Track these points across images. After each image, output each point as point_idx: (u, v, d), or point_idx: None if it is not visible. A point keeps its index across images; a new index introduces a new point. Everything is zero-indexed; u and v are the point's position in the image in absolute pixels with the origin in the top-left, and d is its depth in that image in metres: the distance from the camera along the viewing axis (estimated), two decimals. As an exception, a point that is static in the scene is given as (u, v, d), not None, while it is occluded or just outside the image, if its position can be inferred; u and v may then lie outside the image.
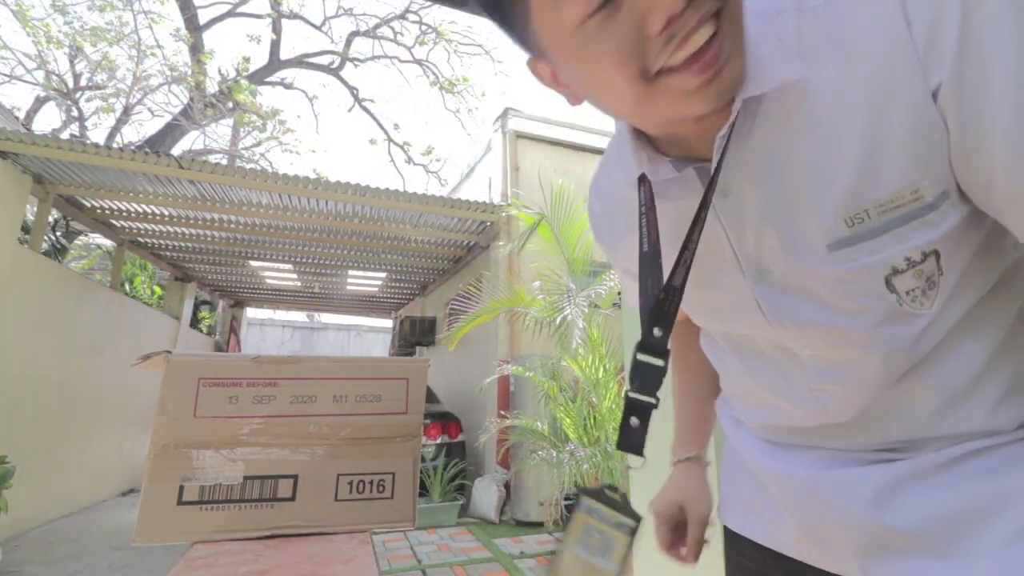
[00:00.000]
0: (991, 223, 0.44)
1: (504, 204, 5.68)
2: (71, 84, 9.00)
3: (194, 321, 8.70)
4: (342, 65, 10.42)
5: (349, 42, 10.27)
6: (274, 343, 15.22)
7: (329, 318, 15.77)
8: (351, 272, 7.71)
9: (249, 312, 12.16)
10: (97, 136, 11.09)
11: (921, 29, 0.38)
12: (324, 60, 10.36)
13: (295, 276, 7.89)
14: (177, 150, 9.14)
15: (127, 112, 9.47)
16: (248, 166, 9.57)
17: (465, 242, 6.29)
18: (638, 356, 0.50)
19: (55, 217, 6.10)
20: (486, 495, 4.79)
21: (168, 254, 6.86)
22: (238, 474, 0.93)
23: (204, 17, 9.24)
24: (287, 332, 15.51)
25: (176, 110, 9.16)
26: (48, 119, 27.01)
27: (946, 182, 0.41)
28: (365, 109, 10.78)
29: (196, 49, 8.89)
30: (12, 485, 3.45)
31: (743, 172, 0.47)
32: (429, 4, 9.59)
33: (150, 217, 5.55)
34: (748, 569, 0.66)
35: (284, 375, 1.00)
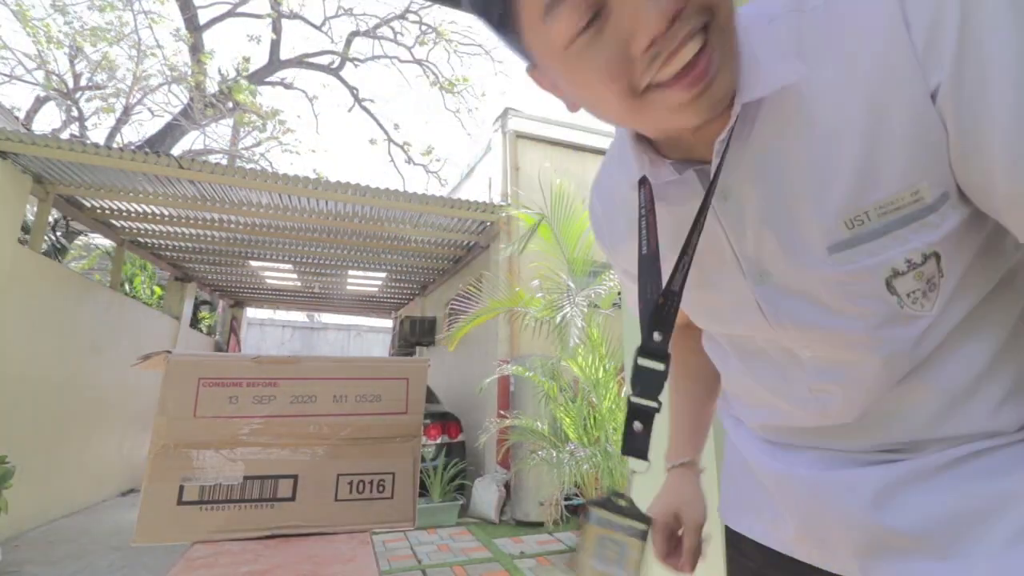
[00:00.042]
0: (992, 224, 0.44)
1: (504, 204, 5.68)
2: (71, 84, 9.00)
3: (194, 321, 8.69)
4: (342, 65, 10.43)
5: (349, 42, 10.27)
6: (274, 343, 15.22)
7: (329, 318, 15.78)
8: (351, 272, 7.71)
9: (249, 312, 12.16)
10: (97, 136, 11.10)
11: (920, 31, 0.38)
12: (324, 60, 10.37)
13: (295, 276, 7.88)
14: (177, 150, 9.15)
15: (127, 112, 9.47)
16: (248, 166, 9.57)
17: (465, 242, 6.29)
18: (639, 361, 0.50)
19: (55, 217, 6.10)
20: (486, 495, 4.79)
21: (168, 254, 6.86)
22: (238, 474, 0.93)
23: (204, 17, 9.25)
24: (287, 332, 15.51)
25: (176, 110, 9.16)
26: (48, 119, 27.03)
27: (946, 184, 0.41)
28: (365, 109, 10.78)
29: (196, 49, 8.89)
30: (12, 485, 3.45)
31: (743, 174, 0.47)
32: (429, 4, 9.60)
33: (150, 217, 5.55)
34: (749, 569, 0.66)
35: (284, 375, 1.00)
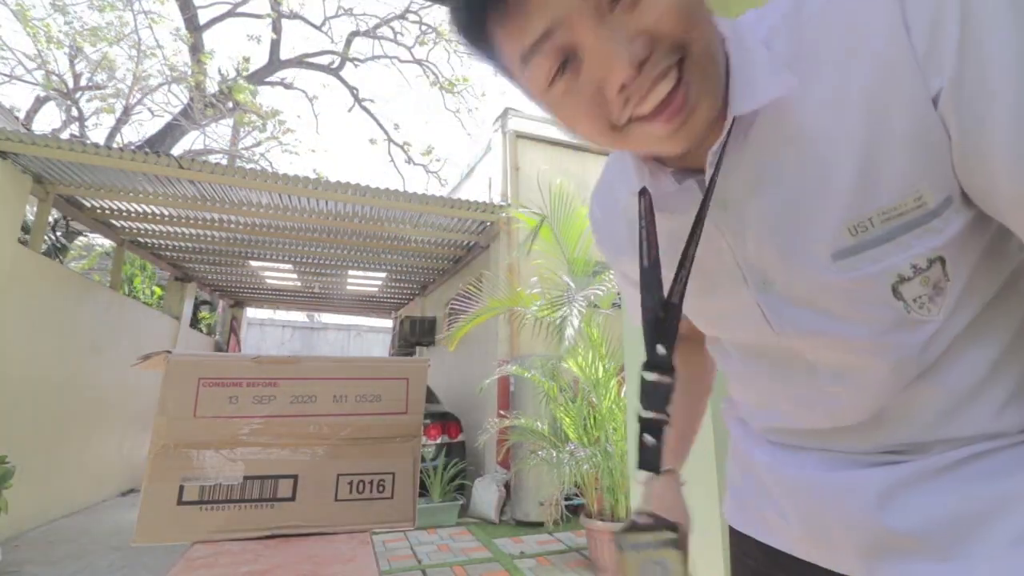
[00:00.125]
0: (995, 226, 0.44)
1: (504, 204, 5.69)
2: (71, 84, 9.00)
3: (194, 321, 8.69)
4: (342, 65, 10.43)
5: (349, 42, 10.27)
6: (274, 343, 15.22)
7: (329, 318, 15.77)
8: (351, 272, 7.71)
9: (249, 312, 12.16)
10: (97, 136, 11.09)
11: (921, 35, 0.37)
12: (324, 60, 10.37)
13: (295, 276, 7.88)
14: (177, 150, 9.15)
15: (127, 112, 9.47)
16: (248, 166, 9.57)
17: (465, 242, 6.29)
18: (644, 375, 0.51)
19: (55, 217, 6.10)
20: (486, 495, 4.79)
21: (168, 254, 6.85)
22: (238, 474, 0.93)
23: (204, 17, 9.25)
24: (287, 332, 15.51)
25: (176, 110, 9.16)
26: (48, 119, 27.05)
27: (949, 188, 0.41)
28: (365, 109, 10.78)
29: (196, 49, 8.88)
30: (12, 485, 3.45)
31: (741, 184, 0.47)
32: (429, 4, 9.59)
33: (150, 217, 5.55)
34: (753, 569, 0.66)
35: (284, 375, 1.00)
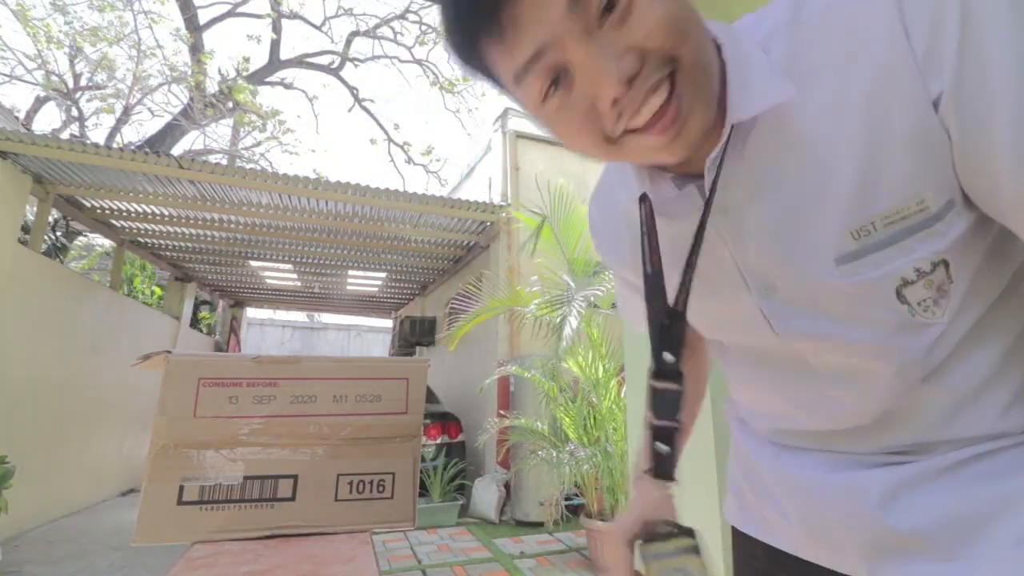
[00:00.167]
0: (997, 228, 0.44)
1: (504, 204, 5.68)
2: (71, 84, 9.00)
3: (194, 321, 8.69)
4: (342, 65, 10.42)
5: (349, 42, 10.27)
6: (274, 343, 15.22)
7: (329, 318, 15.77)
8: (351, 272, 7.71)
9: (249, 312, 12.16)
10: (97, 136, 11.09)
11: (920, 38, 0.37)
12: (324, 60, 10.37)
13: (295, 276, 7.88)
14: (177, 150, 9.15)
15: (127, 112, 9.47)
16: (248, 166, 9.57)
17: (465, 242, 6.29)
18: (653, 384, 0.51)
19: (55, 217, 6.10)
20: (486, 495, 4.79)
21: (168, 254, 6.85)
22: (238, 474, 0.93)
23: (204, 17, 9.25)
24: (287, 332, 15.50)
25: (176, 110, 9.16)
26: (48, 119, 27.03)
27: (951, 191, 0.41)
28: (365, 109, 10.78)
29: (196, 49, 8.88)
30: (12, 485, 3.45)
31: (741, 190, 0.47)
32: (429, 4, 9.60)
33: (150, 217, 5.55)
34: (756, 569, 0.66)
35: (284, 375, 1.00)
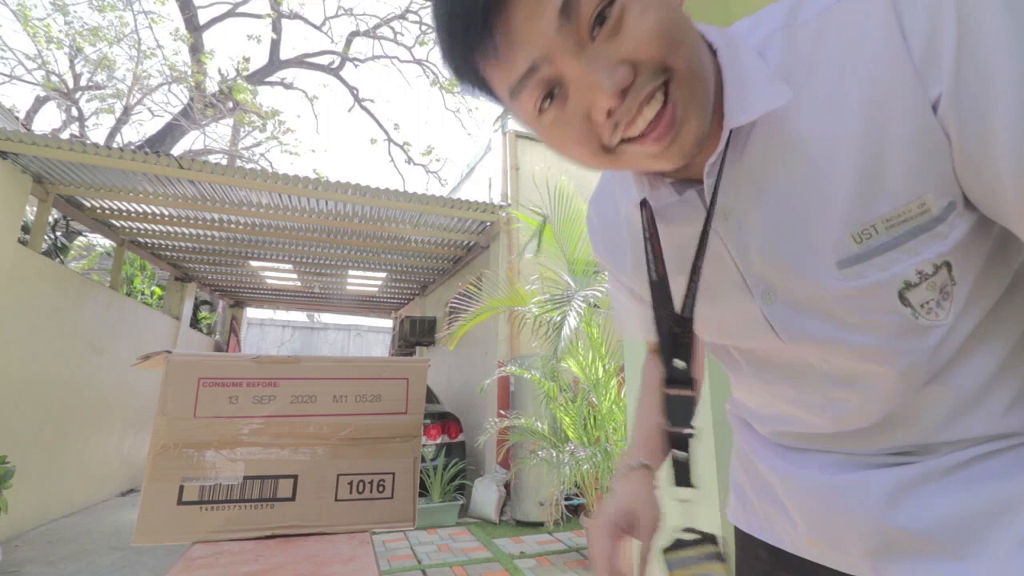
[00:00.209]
0: (998, 229, 0.44)
1: (504, 204, 5.68)
2: (71, 84, 9.00)
3: (194, 321, 8.69)
4: (342, 65, 10.42)
5: (349, 42, 10.26)
6: (274, 343, 15.22)
7: (329, 318, 15.77)
8: (351, 272, 7.71)
9: (249, 312, 12.16)
10: (97, 136, 11.10)
11: (917, 41, 0.37)
12: (324, 60, 10.36)
13: (295, 276, 7.88)
14: (177, 150, 9.15)
15: (127, 112, 9.47)
16: (248, 166, 9.56)
17: (465, 242, 6.29)
18: (667, 392, 0.51)
19: (55, 217, 6.11)
20: (486, 495, 4.79)
21: (168, 254, 6.85)
22: (238, 474, 0.93)
23: (204, 17, 9.25)
24: (287, 332, 15.51)
25: (176, 110, 9.17)
26: (48, 119, 27.06)
27: (952, 193, 0.40)
28: (365, 109, 10.77)
29: (196, 49, 8.89)
30: (12, 485, 3.46)
31: (742, 194, 0.47)
32: (429, 4, 9.58)
33: (150, 217, 5.55)
34: (759, 570, 0.65)
35: (284, 375, 1.00)
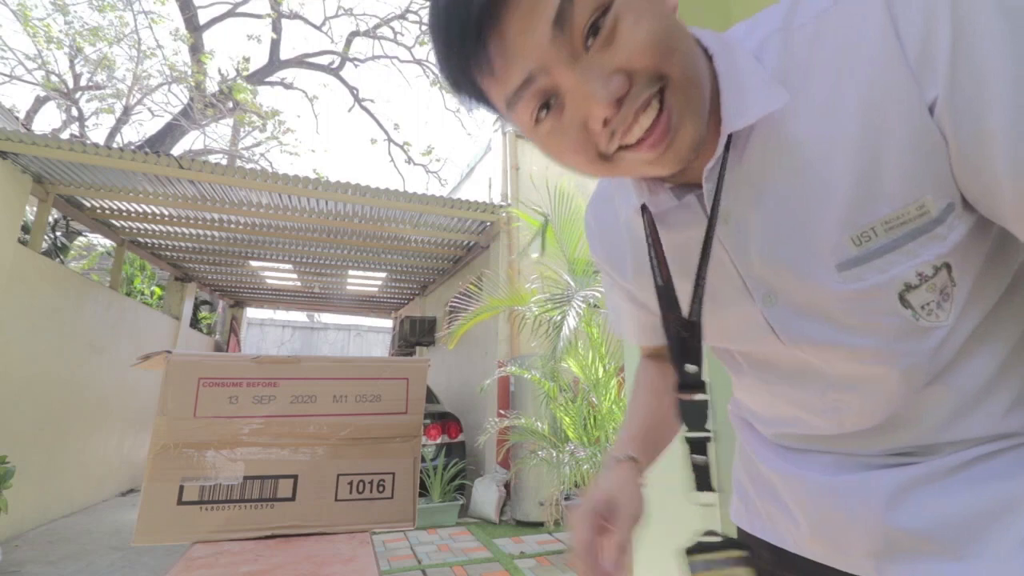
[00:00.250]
0: (997, 229, 0.44)
1: (504, 204, 5.69)
2: (71, 84, 9.00)
3: (194, 321, 8.69)
4: (342, 65, 10.43)
5: (349, 42, 10.27)
6: (274, 343, 15.22)
7: (329, 318, 15.77)
8: (351, 272, 7.71)
9: (249, 312, 12.16)
10: (97, 136, 11.10)
11: (913, 43, 0.37)
12: (324, 60, 10.37)
13: (295, 276, 7.88)
14: (177, 150, 9.16)
15: (127, 112, 9.47)
16: (248, 166, 9.57)
17: (465, 242, 6.29)
18: (681, 397, 0.51)
19: (55, 217, 6.11)
20: (486, 495, 4.79)
21: (168, 254, 6.86)
22: (238, 474, 0.93)
23: (204, 17, 9.26)
24: (287, 332, 15.51)
25: (176, 110, 9.17)
26: (48, 119, 27.06)
27: (950, 194, 0.41)
28: (365, 109, 10.78)
29: (196, 49, 8.89)
30: (12, 485, 3.46)
31: (741, 198, 0.47)
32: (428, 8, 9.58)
33: (150, 217, 5.55)
34: (762, 570, 0.65)
35: (284, 375, 1.00)
